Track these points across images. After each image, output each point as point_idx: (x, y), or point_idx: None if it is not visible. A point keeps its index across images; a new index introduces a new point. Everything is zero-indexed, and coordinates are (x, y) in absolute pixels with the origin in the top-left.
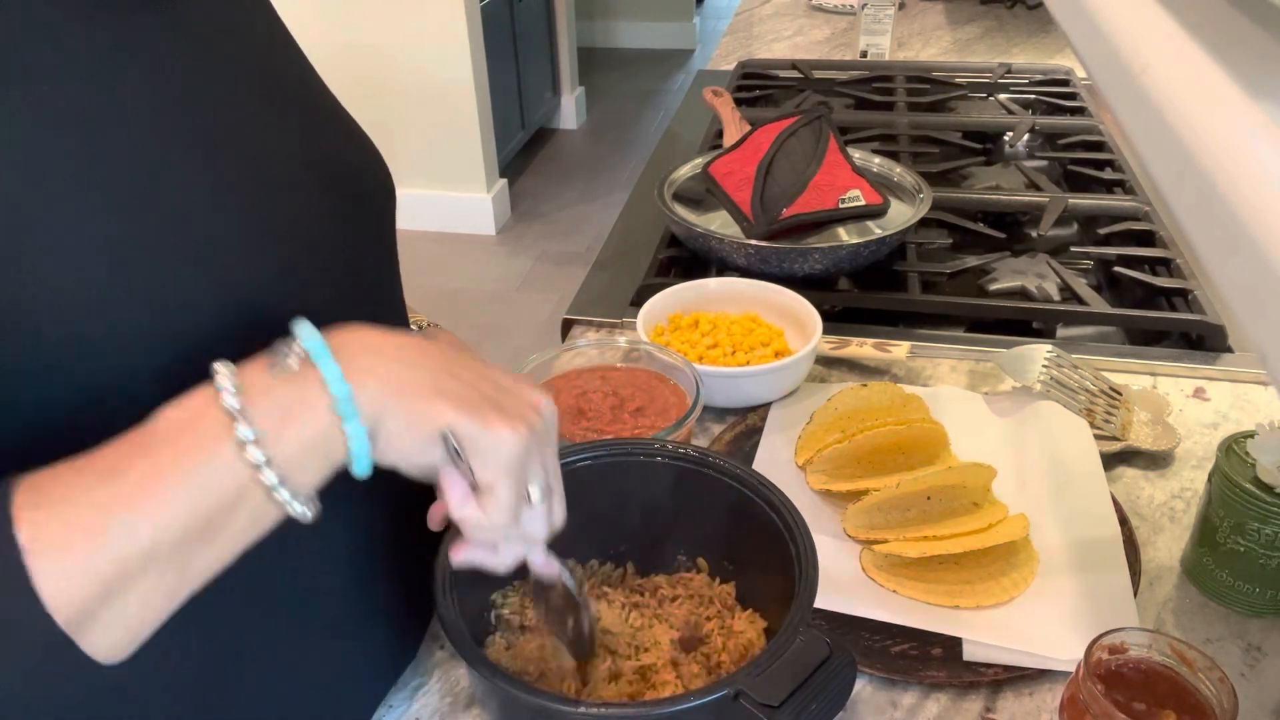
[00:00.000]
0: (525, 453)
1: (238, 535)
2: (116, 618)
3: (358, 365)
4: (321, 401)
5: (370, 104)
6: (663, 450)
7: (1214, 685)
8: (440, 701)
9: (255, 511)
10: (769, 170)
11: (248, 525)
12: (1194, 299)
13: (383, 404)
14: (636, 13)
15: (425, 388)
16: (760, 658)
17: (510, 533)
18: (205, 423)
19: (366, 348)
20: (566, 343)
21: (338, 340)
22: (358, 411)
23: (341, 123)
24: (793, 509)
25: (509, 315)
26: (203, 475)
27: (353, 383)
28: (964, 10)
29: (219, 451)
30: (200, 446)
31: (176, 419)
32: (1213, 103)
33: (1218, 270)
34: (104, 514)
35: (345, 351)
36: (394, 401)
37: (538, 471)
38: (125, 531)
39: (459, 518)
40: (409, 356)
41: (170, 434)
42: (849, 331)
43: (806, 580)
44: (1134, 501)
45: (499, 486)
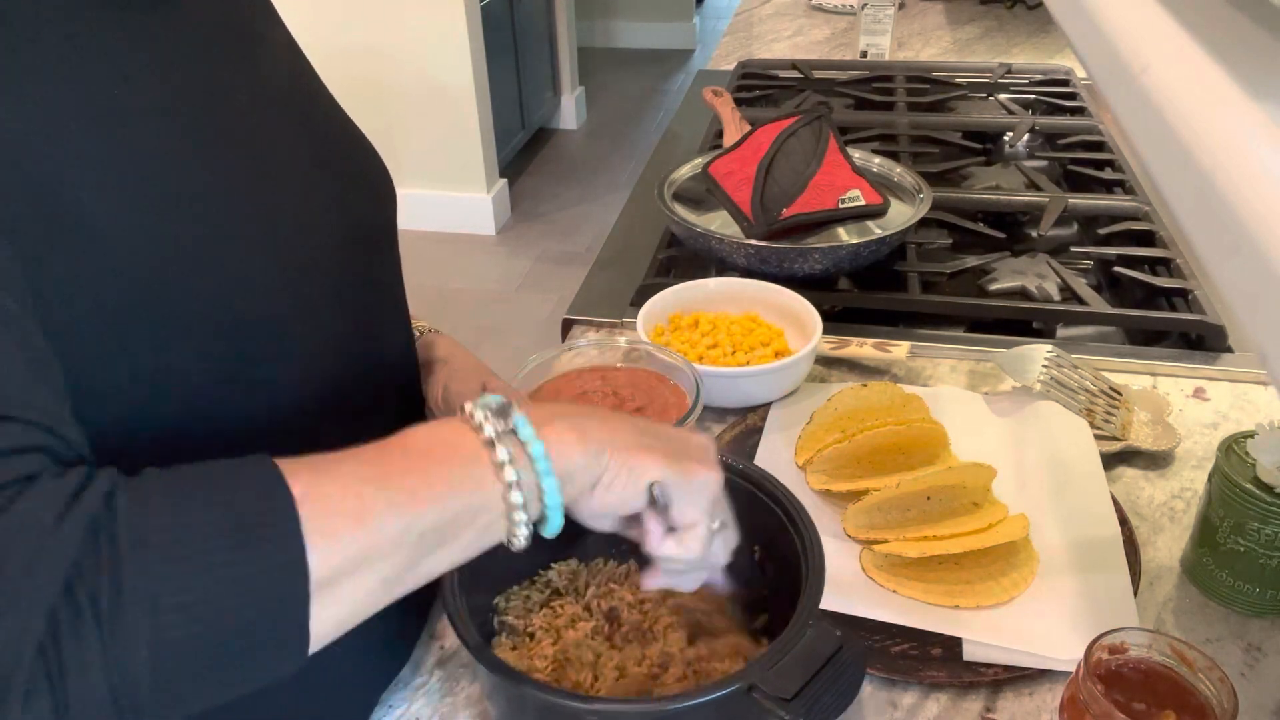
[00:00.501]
0: (720, 492)
1: (463, 548)
2: (348, 595)
3: (579, 425)
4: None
5: (370, 105)
6: None
7: (1214, 685)
8: (440, 701)
9: (487, 528)
10: (769, 170)
11: (474, 540)
12: (1194, 299)
13: (602, 460)
14: (636, 13)
15: (633, 445)
16: (772, 651)
17: (701, 564)
18: (466, 441)
19: (561, 414)
20: (566, 343)
21: (540, 409)
22: (552, 469)
23: (342, 126)
24: (797, 503)
25: (509, 315)
26: (462, 480)
27: (580, 440)
28: (964, 10)
29: (479, 466)
30: (464, 457)
31: (432, 435)
32: (1213, 103)
33: (1218, 270)
34: (376, 491)
35: (542, 421)
36: (612, 457)
37: (723, 507)
38: (391, 513)
39: (660, 555)
40: (605, 419)
41: (429, 446)
42: (849, 331)
43: (813, 573)
44: (1134, 501)
45: (700, 525)
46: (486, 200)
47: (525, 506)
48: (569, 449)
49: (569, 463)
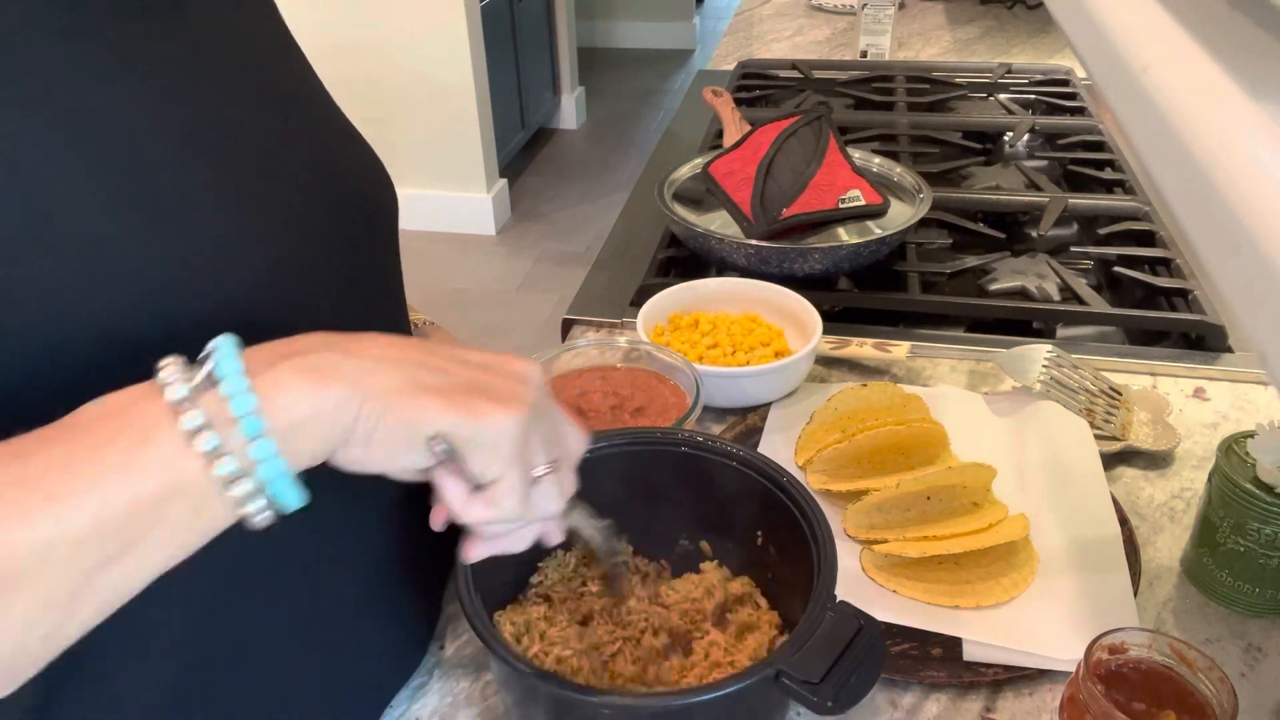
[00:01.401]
0: (525, 433)
1: (163, 546)
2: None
3: (317, 364)
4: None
5: (370, 104)
6: (668, 439)
7: (1214, 685)
8: (440, 701)
9: (193, 514)
10: (769, 170)
11: (176, 535)
12: (1194, 299)
13: (351, 408)
14: (636, 13)
15: (400, 386)
16: (795, 637)
17: (523, 520)
18: (143, 409)
19: (314, 349)
20: (566, 343)
21: (270, 350)
22: (266, 425)
23: (341, 127)
24: (804, 491)
25: (509, 315)
26: (130, 464)
27: (314, 385)
28: (964, 10)
29: (157, 439)
30: (136, 430)
31: (102, 407)
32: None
33: (1218, 270)
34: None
35: (261, 366)
36: (366, 403)
37: (538, 447)
38: (19, 523)
39: (466, 520)
40: (374, 353)
41: (92, 422)
42: (849, 331)
43: (826, 559)
44: (1134, 501)
45: (505, 477)
46: (486, 200)
47: (246, 476)
48: (295, 396)
49: (294, 413)
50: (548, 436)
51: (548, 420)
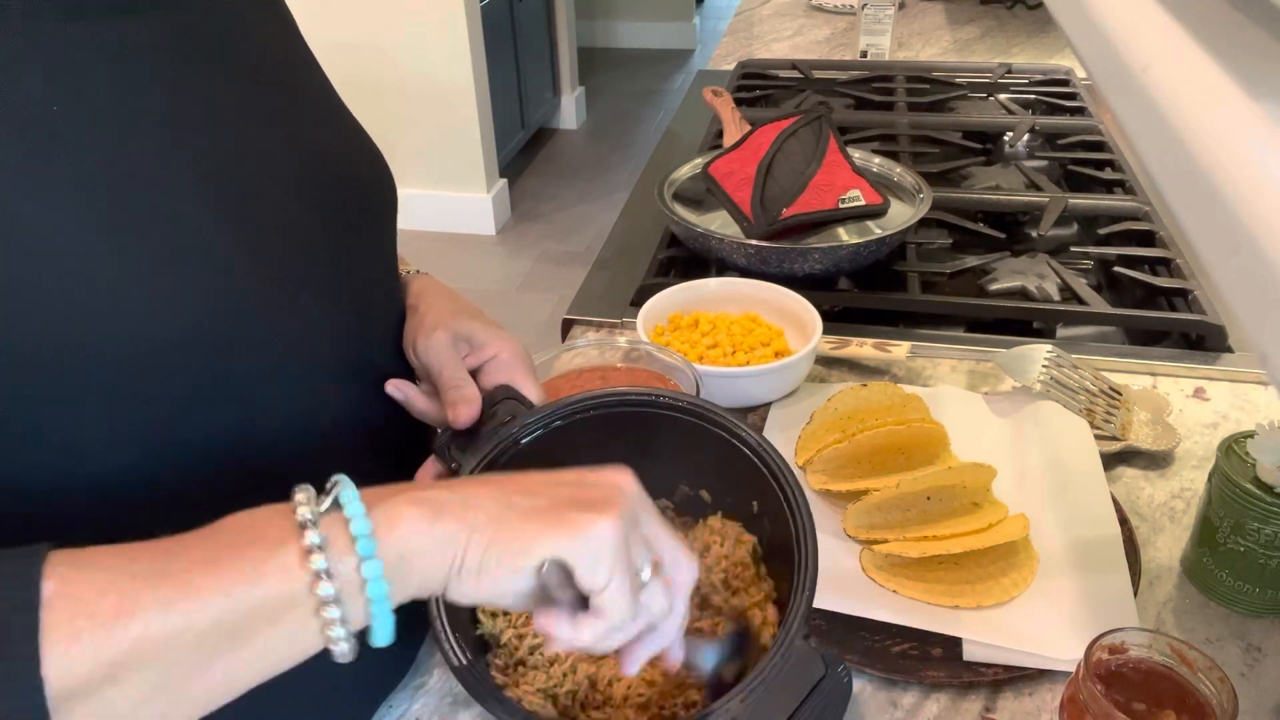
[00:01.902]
0: (623, 535)
1: (266, 652)
2: (107, 707)
3: (426, 498)
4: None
5: (370, 104)
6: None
7: (1214, 685)
8: (440, 701)
9: (296, 628)
10: (769, 170)
11: (280, 644)
12: (1194, 299)
13: (460, 541)
14: (636, 13)
15: (503, 516)
16: (754, 681)
17: (634, 625)
18: (276, 524)
19: (423, 487)
20: (566, 343)
21: (382, 489)
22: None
23: (344, 126)
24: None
25: (509, 315)
26: (258, 569)
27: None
28: (964, 10)
29: (284, 552)
30: (269, 542)
31: (245, 519)
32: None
33: (1218, 270)
34: (143, 585)
35: (378, 498)
36: (475, 535)
37: (641, 550)
38: (158, 611)
39: (581, 644)
40: (474, 489)
41: (237, 528)
42: (849, 331)
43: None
44: (1134, 501)
45: (609, 585)
46: (486, 200)
47: (339, 601)
48: (409, 528)
49: (407, 544)
50: (648, 538)
51: (648, 520)
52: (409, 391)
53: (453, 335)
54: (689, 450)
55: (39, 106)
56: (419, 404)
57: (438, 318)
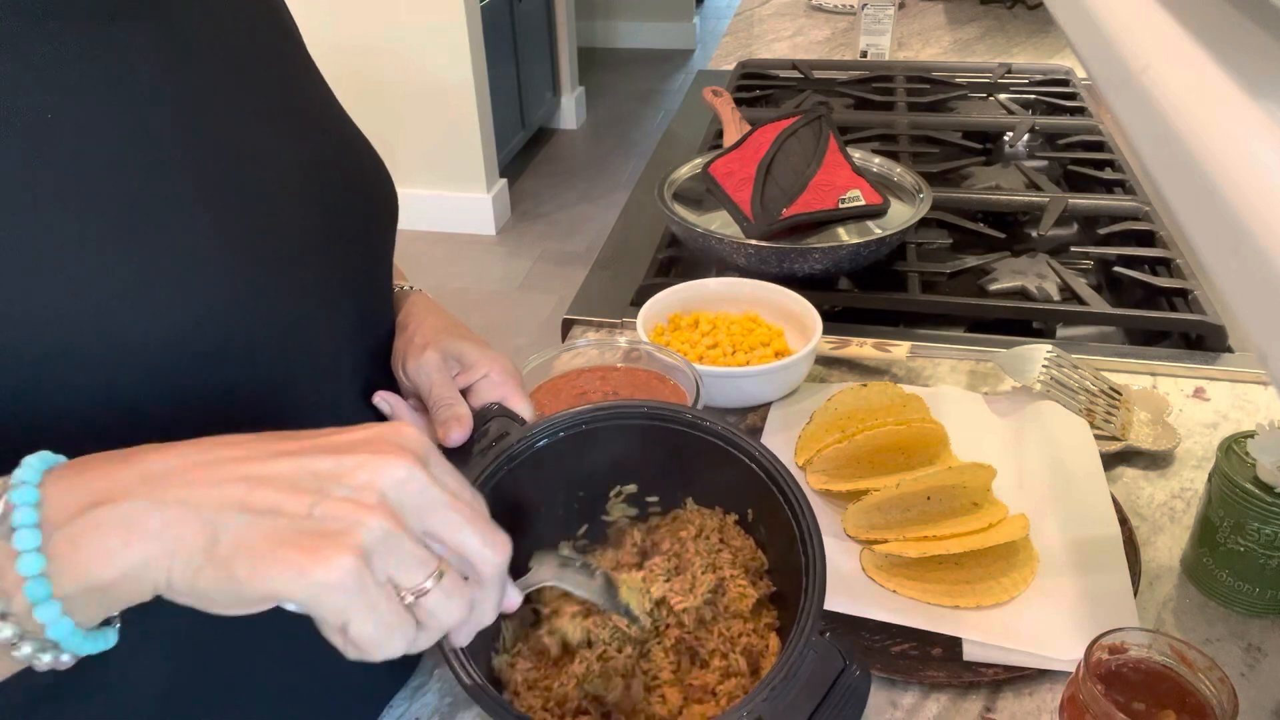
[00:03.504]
0: (359, 578)
1: None
2: None
3: (125, 516)
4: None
5: (370, 104)
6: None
7: (1214, 685)
8: (440, 701)
9: None
10: (769, 170)
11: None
12: (1194, 299)
13: (167, 572)
14: (636, 13)
15: (210, 549)
16: (775, 680)
17: (419, 637)
18: None
19: (129, 493)
20: (566, 343)
21: (82, 489)
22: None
23: (343, 131)
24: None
25: (509, 315)
26: None
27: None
28: (964, 10)
29: None
30: None
31: None
32: (1213, 103)
33: (1218, 270)
34: None
35: (66, 518)
36: (181, 567)
37: (407, 561)
38: None
39: (353, 659)
40: (193, 494)
41: None
42: (849, 331)
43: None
44: (1134, 501)
45: (352, 628)
46: (486, 200)
47: (26, 638)
48: (94, 557)
49: (92, 575)
50: (436, 534)
51: (434, 527)
52: (397, 405)
53: (443, 354)
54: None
55: (34, 114)
56: (406, 419)
57: (427, 336)
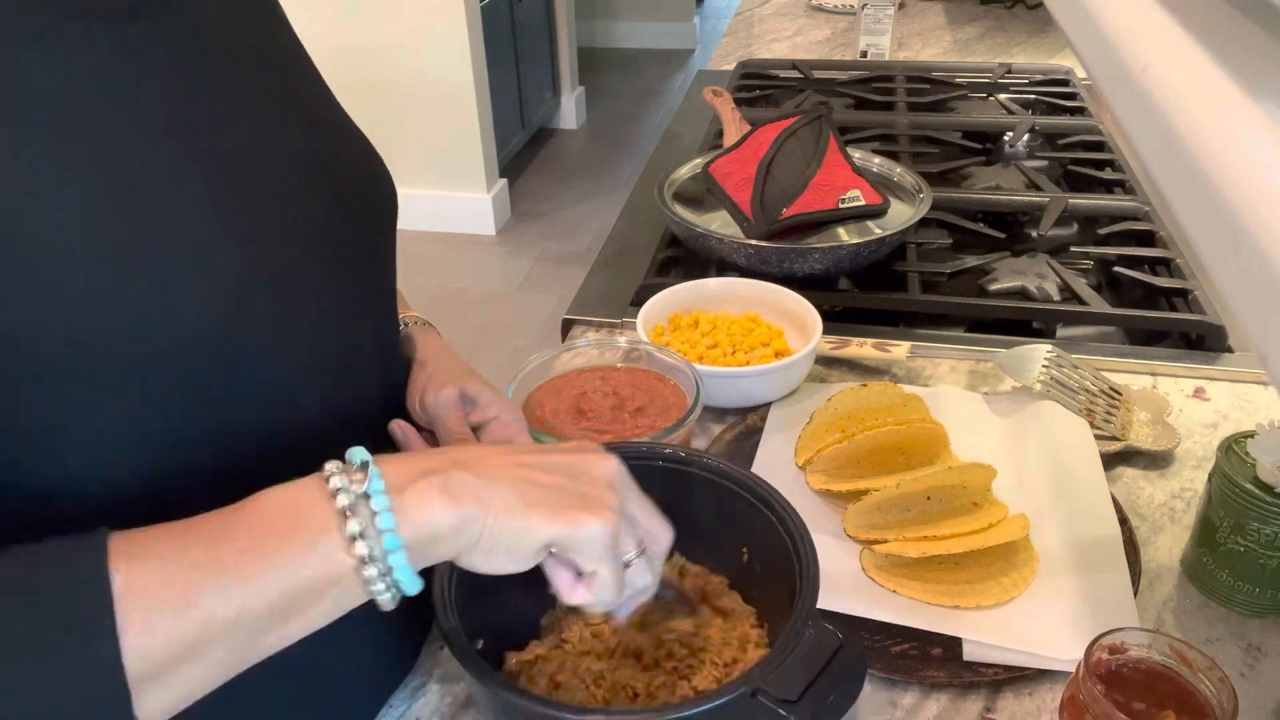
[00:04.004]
0: (615, 534)
1: (315, 619)
2: (179, 682)
3: (452, 483)
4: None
5: (370, 104)
6: (654, 453)
7: (1214, 685)
8: (440, 701)
9: (342, 598)
10: (769, 170)
11: (329, 610)
12: (1194, 299)
13: (474, 525)
14: (636, 13)
15: (511, 504)
16: (773, 653)
17: (621, 597)
18: (318, 510)
19: (446, 467)
20: (566, 343)
21: (410, 464)
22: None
23: (345, 131)
24: (787, 505)
25: (509, 315)
26: (307, 556)
27: (450, 504)
28: (964, 10)
29: (328, 539)
30: (312, 529)
31: (284, 501)
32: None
33: (1218, 270)
34: (203, 576)
35: (403, 483)
36: (486, 521)
37: (628, 536)
38: (219, 598)
39: (575, 603)
40: (494, 471)
41: (277, 514)
42: (849, 331)
43: (808, 575)
44: (1134, 501)
45: (601, 570)
46: (486, 200)
47: (384, 577)
48: (431, 512)
49: (432, 528)
50: (635, 523)
51: (633, 508)
52: (410, 435)
53: (461, 394)
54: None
55: (61, 111)
56: (418, 448)
57: (447, 376)
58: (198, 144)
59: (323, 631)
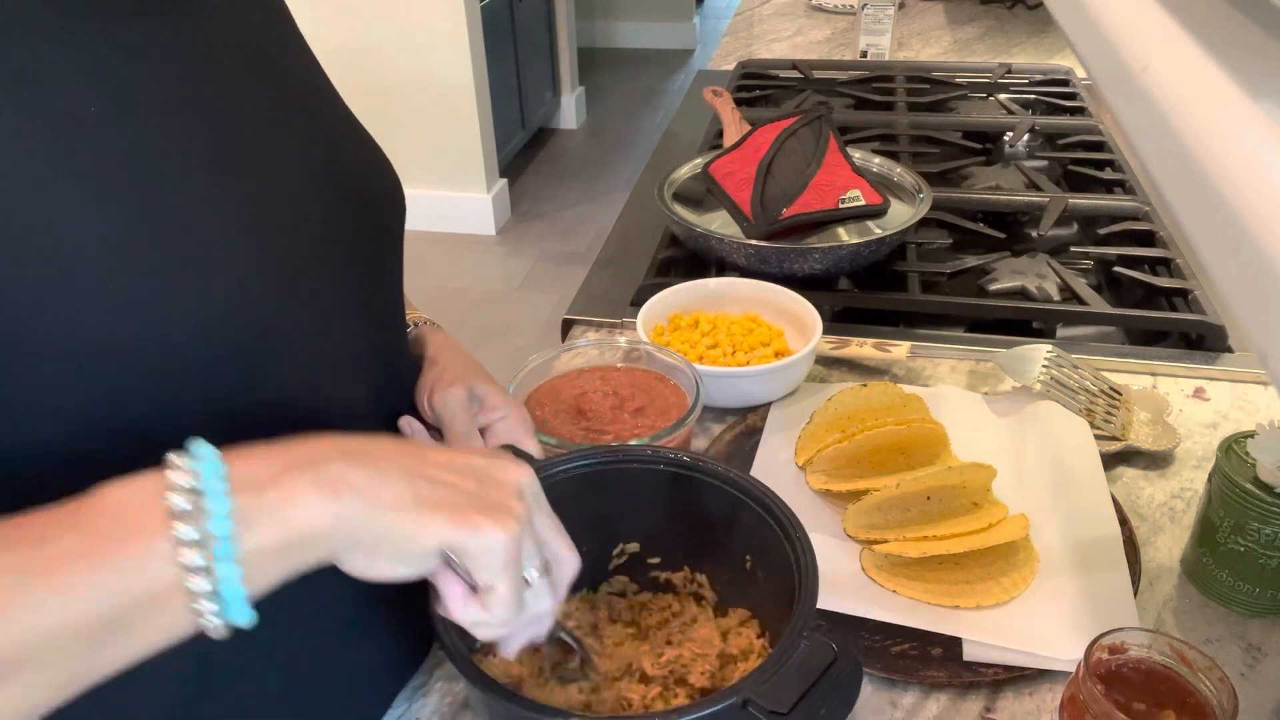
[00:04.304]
0: (517, 546)
1: (148, 640)
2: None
3: (329, 475)
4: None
5: (370, 104)
6: (654, 457)
7: (1214, 685)
8: (440, 701)
9: (176, 616)
10: (769, 170)
11: (164, 630)
12: (1194, 299)
13: (359, 524)
14: (636, 13)
15: (403, 501)
16: (766, 664)
17: (516, 621)
18: (151, 510)
19: (327, 458)
20: (566, 343)
21: (282, 455)
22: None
23: (353, 132)
24: (788, 511)
25: (509, 315)
26: (133, 564)
27: (328, 497)
28: (964, 10)
29: (156, 544)
30: (144, 532)
31: (119, 499)
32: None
33: (1218, 270)
34: (18, 581)
35: (271, 478)
36: (372, 520)
37: (532, 553)
38: (34, 607)
39: (463, 621)
40: (381, 464)
41: (111, 514)
42: (849, 331)
43: (807, 584)
44: (1134, 501)
45: (498, 586)
46: (486, 200)
47: (214, 596)
48: (299, 510)
49: (300, 527)
50: (540, 540)
51: (541, 524)
52: (418, 431)
53: (469, 393)
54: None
55: (77, 107)
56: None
57: (455, 375)
58: (206, 143)
59: (329, 629)
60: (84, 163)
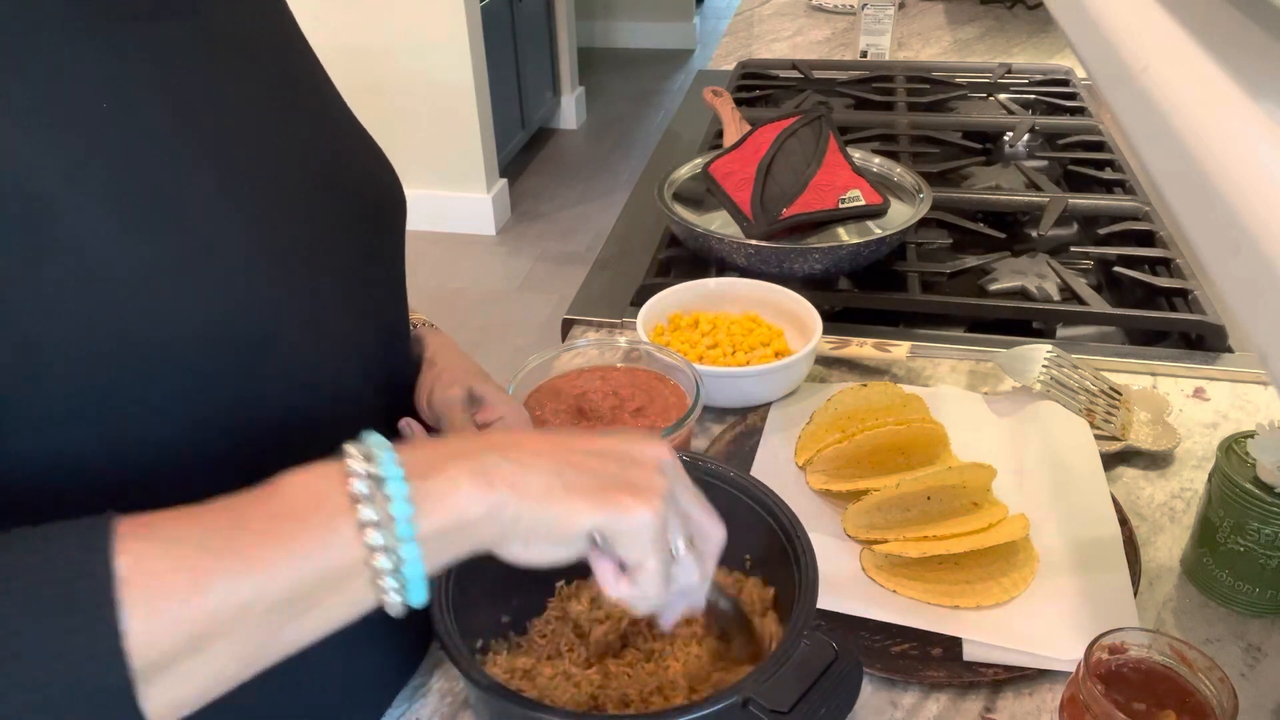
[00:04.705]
0: (663, 523)
1: (330, 616)
2: (187, 676)
3: (483, 466)
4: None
5: (370, 104)
6: None
7: (1214, 685)
8: (440, 701)
9: (358, 594)
10: (769, 170)
11: (344, 607)
12: (1194, 299)
13: (508, 511)
14: (636, 13)
15: (552, 489)
16: (766, 663)
17: (667, 595)
18: (333, 494)
19: (478, 451)
20: (566, 343)
21: (439, 450)
22: (414, 533)
23: (354, 133)
24: (788, 511)
25: (509, 315)
26: (319, 544)
27: (481, 488)
28: (964, 10)
29: (341, 526)
30: (327, 514)
31: (302, 485)
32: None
33: (1218, 270)
34: (214, 561)
35: (432, 468)
36: (523, 508)
37: (677, 528)
38: (229, 585)
39: (617, 598)
40: (528, 457)
41: (295, 499)
42: (849, 331)
43: (807, 584)
44: (1134, 501)
45: (647, 563)
46: (486, 200)
47: (395, 571)
48: (459, 499)
49: (459, 515)
50: (683, 515)
51: (683, 498)
52: (419, 432)
53: (468, 393)
54: None
55: (92, 107)
56: None
57: (455, 375)
58: (213, 141)
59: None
60: (98, 160)
